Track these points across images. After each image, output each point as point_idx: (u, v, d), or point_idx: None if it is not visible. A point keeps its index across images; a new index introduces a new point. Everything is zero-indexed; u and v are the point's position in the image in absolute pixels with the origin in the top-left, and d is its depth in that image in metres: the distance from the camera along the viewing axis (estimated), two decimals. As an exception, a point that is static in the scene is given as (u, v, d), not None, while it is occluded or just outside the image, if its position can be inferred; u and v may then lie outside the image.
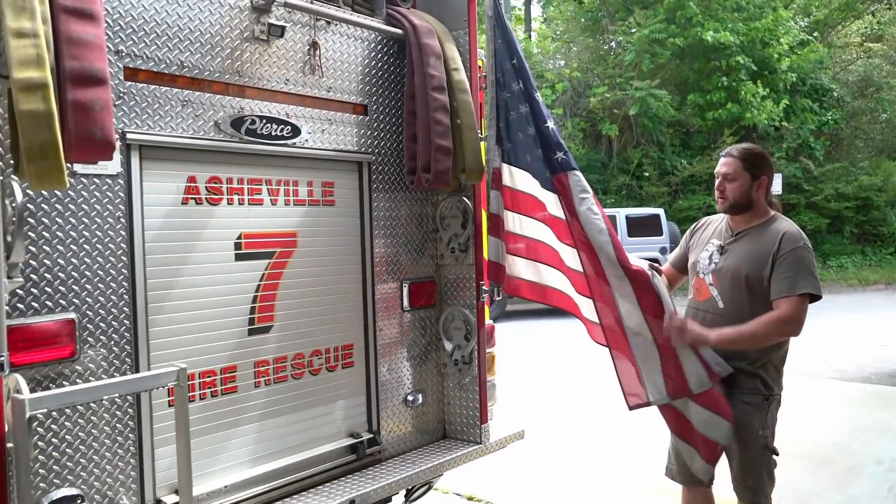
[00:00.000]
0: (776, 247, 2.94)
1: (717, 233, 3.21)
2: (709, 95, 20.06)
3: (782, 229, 3.01)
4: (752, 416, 3.00)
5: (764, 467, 3.04)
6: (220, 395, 2.79)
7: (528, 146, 3.46)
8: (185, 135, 2.66)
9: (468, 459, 3.56)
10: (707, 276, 3.12)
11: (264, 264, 2.95)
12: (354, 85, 3.32)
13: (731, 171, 3.06)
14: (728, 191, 3.06)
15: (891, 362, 9.31)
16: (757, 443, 3.00)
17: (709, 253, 3.15)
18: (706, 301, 3.09)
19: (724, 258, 3.09)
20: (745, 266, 3.00)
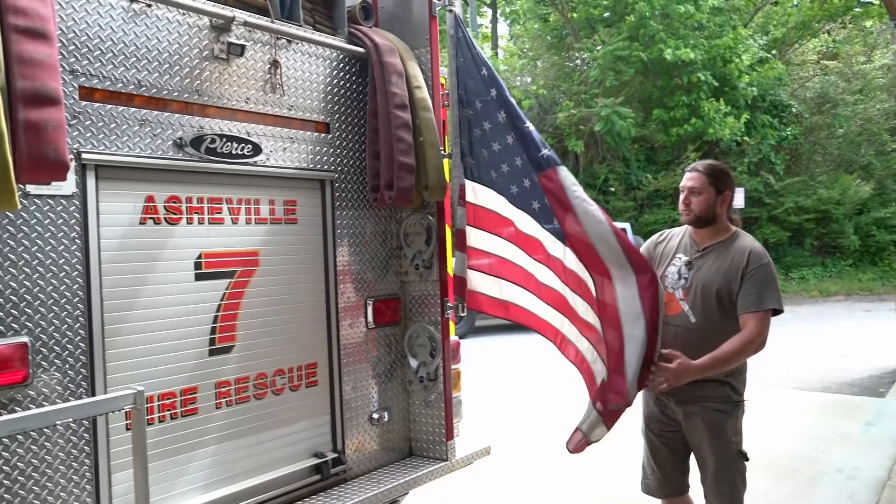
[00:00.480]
0: (745, 263, 3.01)
1: (681, 247, 3.23)
2: (672, 112, 20.41)
3: (748, 246, 3.09)
4: (725, 422, 3.06)
5: (737, 472, 3.11)
6: (179, 417, 2.74)
7: (492, 163, 3.43)
8: (142, 154, 2.64)
9: (434, 477, 3.54)
10: (677, 290, 3.15)
11: (225, 284, 2.92)
12: (316, 103, 3.32)
13: (698, 185, 3.12)
14: (694, 204, 3.12)
15: (850, 372, 9.51)
16: (730, 449, 3.07)
17: (676, 268, 3.18)
18: (677, 316, 3.13)
19: (692, 273, 3.12)
20: (715, 282, 3.05)
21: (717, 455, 3.07)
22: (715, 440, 3.06)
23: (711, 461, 3.09)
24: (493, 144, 3.42)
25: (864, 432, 6.51)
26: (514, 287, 3.44)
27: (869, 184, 21.25)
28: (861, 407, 7.45)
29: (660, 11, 19.78)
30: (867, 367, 9.77)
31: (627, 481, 3.38)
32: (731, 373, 3.09)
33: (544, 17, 23.74)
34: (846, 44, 24.73)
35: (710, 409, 3.06)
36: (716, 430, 3.06)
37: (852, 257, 21.26)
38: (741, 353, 2.95)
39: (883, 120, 22.01)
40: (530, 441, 6.56)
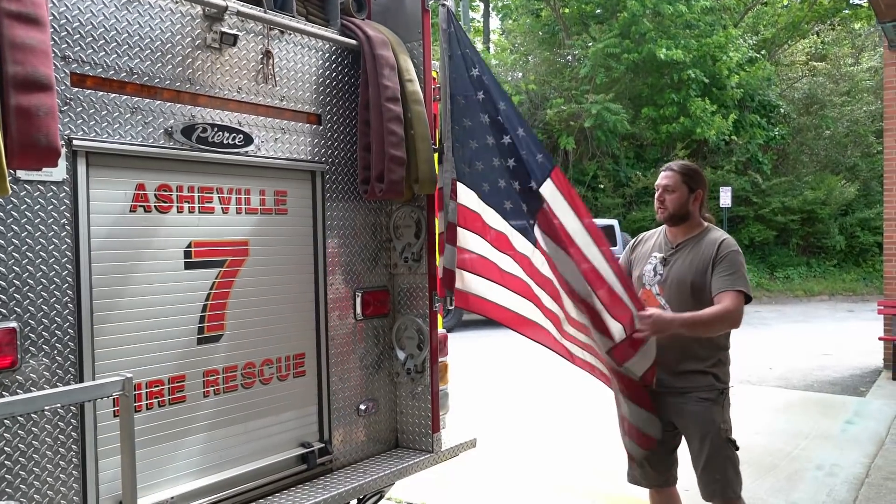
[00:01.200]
0: (714, 252, 3.15)
1: (656, 246, 3.37)
2: (662, 110, 20.52)
3: (718, 237, 3.22)
4: (712, 410, 3.14)
5: (729, 460, 3.17)
6: (167, 405, 2.75)
7: (467, 158, 3.49)
8: (133, 142, 2.64)
9: (420, 468, 3.57)
10: (653, 286, 3.27)
11: (215, 273, 2.93)
12: (308, 94, 3.32)
13: (672, 183, 3.25)
14: (668, 201, 3.24)
15: (832, 371, 9.63)
16: (720, 436, 3.14)
17: (652, 265, 3.31)
18: None
19: (667, 269, 3.25)
20: (688, 274, 3.17)
21: (707, 442, 3.15)
22: (702, 427, 3.15)
23: (701, 449, 3.16)
24: (471, 141, 3.47)
25: (844, 430, 6.60)
26: (499, 288, 3.48)
27: (854, 185, 21.45)
28: (842, 405, 7.55)
29: (651, 9, 19.85)
30: (849, 367, 9.89)
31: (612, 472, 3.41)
32: (714, 363, 3.18)
33: (536, 13, 23.76)
34: (835, 45, 24.92)
35: (695, 398, 3.16)
36: (703, 418, 3.15)
37: (837, 257, 21.47)
38: (717, 322, 3.04)
39: (869, 122, 22.20)
40: (517, 433, 6.61)
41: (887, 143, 9.26)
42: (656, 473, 3.37)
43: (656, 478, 3.38)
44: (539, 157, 3.33)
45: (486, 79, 3.46)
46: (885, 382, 8.67)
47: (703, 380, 3.17)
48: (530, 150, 3.35)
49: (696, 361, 3.18)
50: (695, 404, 3.15)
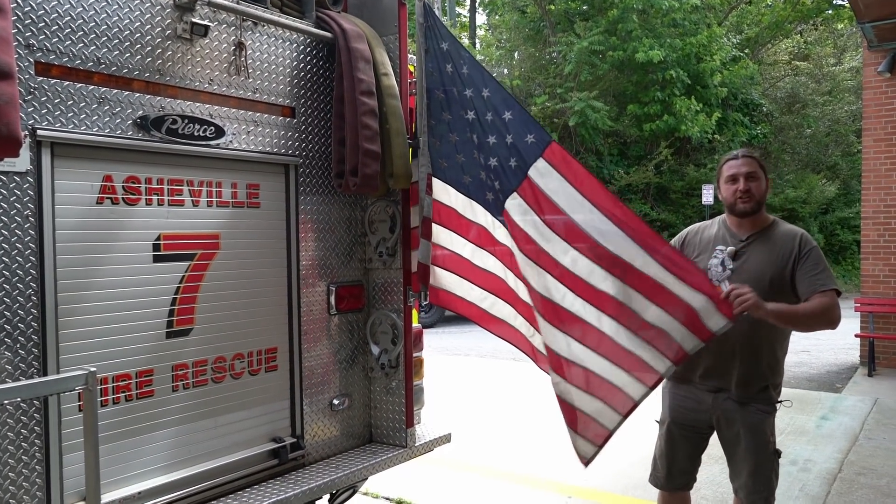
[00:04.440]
0: (796, 248, 3.02)
1: (719, 238, 3.19)
2: (646, 107, 20.59)
3: (795, 231, 3.11)
4: (765, 423, 3.09)
5: (773, 472, 3.13)
6: (134, 400, 2.72)
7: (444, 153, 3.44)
8: (101, 133, 2.60)
9: (393, 463, 3.56)
10: (723, 282, 3.03)
11: (185, 266, 2.90)
12: (282, 87, 3.30)
13: (755, 169, 3.09)
14: (754, 189, 3.07)
15: (809, 368, 9.74)
16: (768, 449, 3.10)
17: (719, 259, 3.12)
18: None
19: (739, 263, 3.08)
20: (767, 269, 3.02)
21: (755, 455, 3.09)
22: (754, 441, 3.08)
23: (748, 461, 3.10)
24: (451, 135, 3.43)
25: (819, 426, 6.67)
26: (468, 285, 3.46)
27: (834, 184, 21.67)
28: (818, 401, 7.63)
29: (643, 4, 19.87)
30: (826, 364, 10.00)
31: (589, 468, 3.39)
32: (776, 377, 3.13)
33: (522, 9, 23.74)
34: (817, 45, 25.13)
35: (754, 409, 3.08)
36: (756, 432, 3.08)
37: (817, 256, 21.65)
38: (817, 319, 2.90)
39: (850, 121, 22.43)
40: (493, 428, 6.61)
41: (866, 142, 9.36)
42: (682, 474, 3.32)
43: (681, 479, 3.33)
44: (530, 139, 3.08)
45: (469, 71, 3.35)
46: (861, 379, 8.78)
47: (765, 393, 3.10)
48: (519, 132, 3.10)
49: (762, 374, 3.08)
50: (752, 416, 3.07)
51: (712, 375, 3.16)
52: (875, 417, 6.92)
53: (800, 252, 3.01)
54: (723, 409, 3.14)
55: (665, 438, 3.34)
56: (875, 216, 9.21)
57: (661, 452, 3.37)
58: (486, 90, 3.30)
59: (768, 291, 2.94)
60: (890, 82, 9.01)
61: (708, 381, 3.17)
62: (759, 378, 3.08)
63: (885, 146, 9.08)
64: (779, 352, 3.13)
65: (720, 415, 3.16)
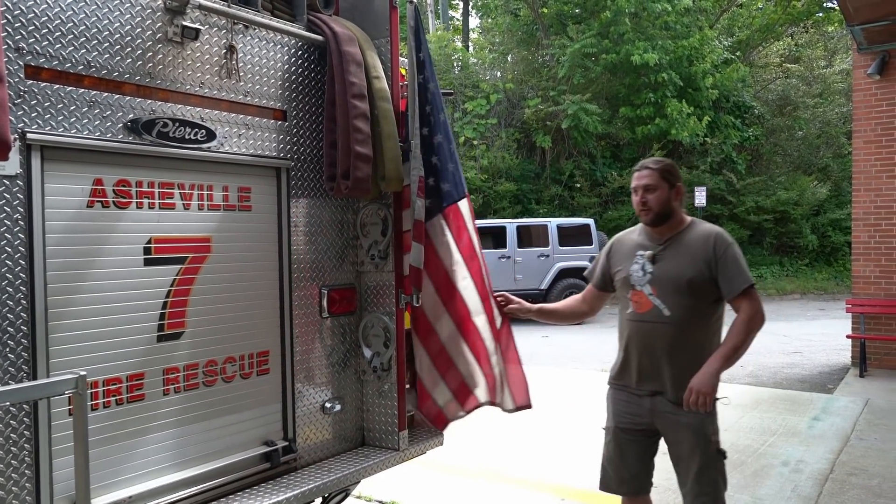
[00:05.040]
0: (712, 249, 3.06)
1: (638, 245, 3.25)
2: (638, 110, 20.68)
3: (710, 231, 3.15)
4: (705, 422, 3.05)
5: (719, 472, 3.09)
6: (125, 403, 2.71)
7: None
8: (91, 136, 2.60)
9: (385, 466, 3.56)
10: (644, 286, 3.13)
11: (175, 269, 2.90)
12: (273, 90, 3.30)
13: (652, 181, 3.14)
14: (651, 201, 3.12)
15: (801, 369, 9.78)
16: (710, 449, 3.05)
17: (639, 264, 3.17)
18: (650, 311, 3.12)
19: (658, 266, 3.12)
20: (685, 271, 3.06)
21: (698, 456, 3.05)
22: (696, 440, 3.05)
23: (692, 462, 3.06)
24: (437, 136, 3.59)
25: (811, 427, 6.70)
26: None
27: (826, 185, 21.79)
28: (809, 402, 7.66)
29: (636, 6, 19.96)
30: (818, 364, 10.05)
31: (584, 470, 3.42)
32: None
33: (515, 12, 23.81)
34: (808, 48, 25.30)
35: (692, 410, 3.02)
36: (696, 431, 3.05)
37: (809, 257, 21.80)
38: (750, 334, 2.99)
39: (841, 123, 22.58)
40: (487, 431, 6.61)
41: (856, 144, 9.41)
42: (634, 478, 3.28)
43: (635, 483, 3.29)
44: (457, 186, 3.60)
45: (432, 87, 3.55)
46: (853, 380, 8.82)
47: None
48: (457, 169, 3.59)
49: (689, 373, 3.03)
50: (690, 416, 3.03)
51: (647, 379, 3.16)
52: (866, 418, 6.95)
53: (715, 254, 3.05)
54: (661, 412, 3.12)
55: (612, 445, 3.31)
56: (866, 217, 9.26)
57: (610, 458, 3.32)
58: (441, 115, 3.59)
59: (687, 292, 3.06)
60: (879, 84, 9.07)
61: (644, 386, 3.17)
62: (692, 375, 3.03)
63: (875, 148, 9.14)
64: (708, 348, 3.08)
65: (659, 418, 3.14)
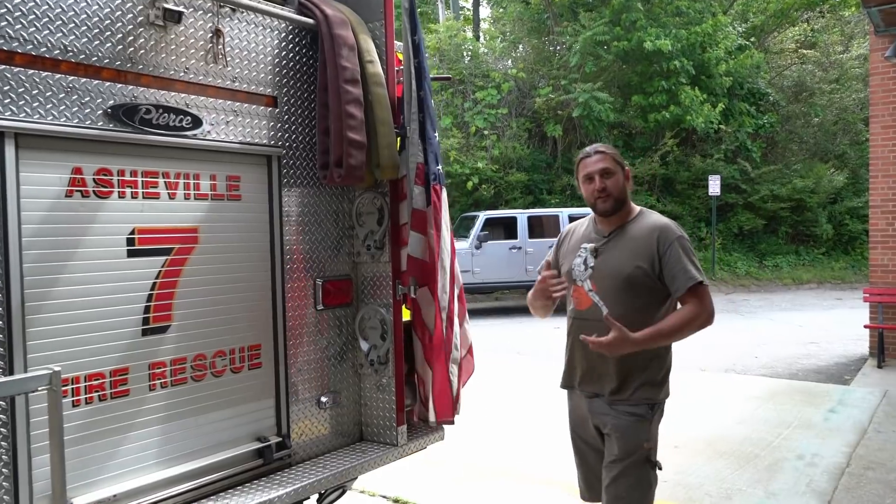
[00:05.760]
0: (655, 243, 2.83)
1: (585, 237, 3.03)
2: (651, 98, 20.42)
3: (656, 223, 2.92)
4: (638, 427, 2.83)
5: (641, 483, 2.85)
6: (108, 399, 2.63)
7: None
8: (69, 123, 2.50)
9: (383, 462, 3.47)
10: (585, 282, 2.93)
11: (161, 261, 2.81)
12: (263, 75, 3.19)
13: (610, 165, 2.91)
14: (610, 187, 2.89)
15: (817, 359, 9.59)
16: (639, 454, 2.83)
17: (582, 258, 2.96)
18: (589, 309, 2.91)
19: (600, 261, 2.91)
20: (625, 265, 2.85)
21: (622, 458, 2.82)
22: (624, 444, 2.83)
23: (615, 464, 2.84)
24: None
25: (827, 419, 6.55)
26: None
27: (843, 173, 21.42)
28: (825, 394, 7.50)
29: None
30: (834, 355, 9.86)
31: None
32: (652, 373, 2.87)
33: (525, 1, 23.57)
34: (824, 33, 24.84)
35: (623, 411, 2.85)
36: (623, 436, 2.83)
37: (825, 246, 21.47)
38: (687, 327, 2.76)
39: (858, 109, 22.16)
40: (492, 425, 6.52)
41: (873, 129, 9.19)
42: (599, 483, 2.99)
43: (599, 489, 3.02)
44: None
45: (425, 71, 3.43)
46: (870, 370, 8.64)
47: (636, 392, 2.84)
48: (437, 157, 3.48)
49: (635, 372, 2.84)
50: (621, 418, 2.84)
51: (588, 380, 2.96)
52: (885, 410, 6.78)
53: (659, 249, 2.82)
54: (597, 413, 2.93)
55: (574, 449, 3.14)
56: (883, 205, 9.05)
57: (576, 464, 3.17)
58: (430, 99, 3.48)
59: (627, 290, 2.83)
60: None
61: (585, 387, 2.97)
62: (633, 377, 2.84)
63: (893, 133, 8.91)
64: (652, 350, 2.84)
65: (597, 420, 2.94)
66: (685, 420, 6.31)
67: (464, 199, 19.36)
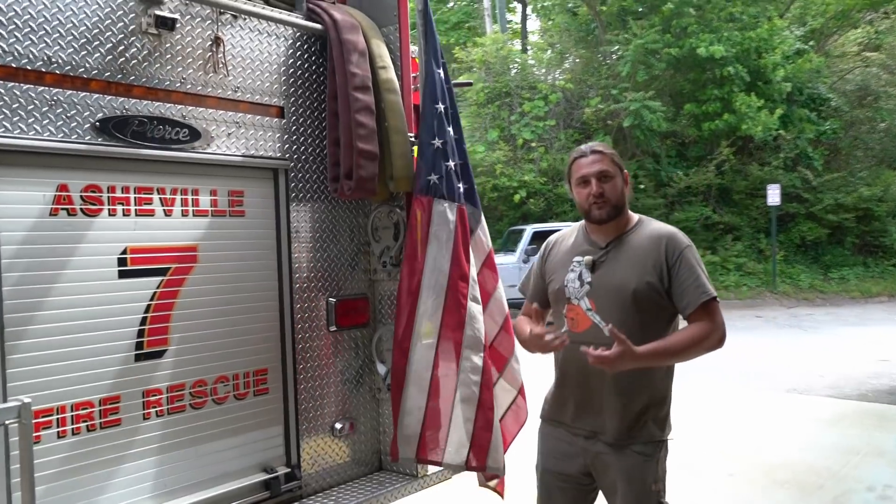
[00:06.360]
0: (664, 254, 2.50)
1: (576, 248, 2.67)
2: (704, 106, 19.80)
3: (661, 230, 2.59)
4: (644, 468, 2.52)
5: None
6: (98, 429, 2.47)
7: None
8: (53, 138, 2.37)
9: (401, 495, 3.24)
10: (581, 300, 2.56)
11: (156, 282, 2.65)
12: (268, 85, 3.03)
13: (608, 167, 2.57)
14: (608, 192, 2.55)
15: (889, 379, 8.93)
16: (649, 500, 2.52)
17: (576, 273, 2.59)
18: (588, 331, 2.53)
19: (598, 275, 2.56)
20: (630, 279, 2.50)
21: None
22: (631, 488, 2.51)
23: None
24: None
25: (900, 445, 6.02)
26: None
27: (913, 180, 20.31)
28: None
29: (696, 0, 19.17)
30: (908, 374, 9.18)
31: None
32: (656, 407, 2.56)
33: (573, 11, 23.27)
34: (889, 34, 23.69)
35: (629, 453, 2.52)
36: (631, 479, 2.51)
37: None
38: (697, 347, 2.44)
39: (928, 113, 21.04)
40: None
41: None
42: None
43: None
44: None
45: None
46: (948, 391, 7.99)
47: (640, 430, 2.53)
48: None
49: (642, 408, 2.52)
50: (628, 459, 2.51)
51: (584, 415, 2.61)
52: (965, 435, 6.21)
53: (667, 260, 2.49)
54: (595, 452, 2.58)
55: (541, 490, 2.76)
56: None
57: None
58: None
59: (632, 307, 2.49)
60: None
61: (580, 423, 2.62)
62: (639, 413, 2.53)
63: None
64: (660, 378, 2.57)
65: (594, 461, 2.60)
66: (741, 445, 5.88)
67: (511, 212, 19.07)
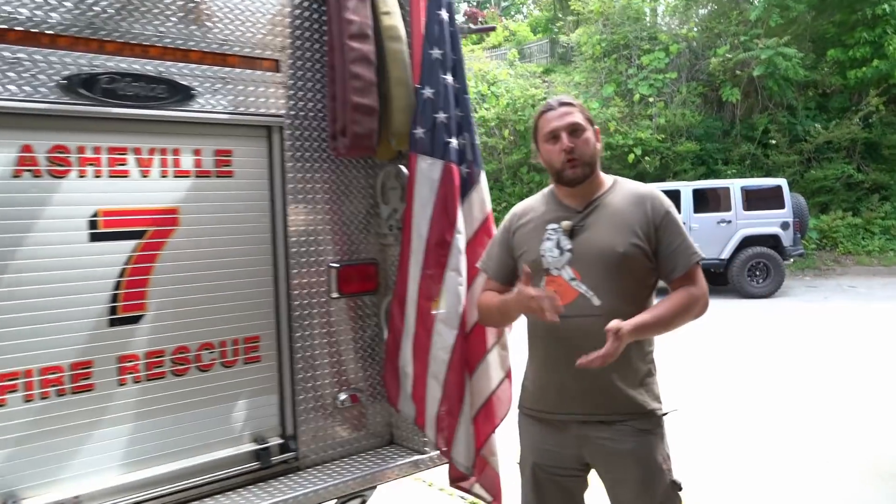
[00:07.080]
0: (650, 212, 2.28)
1: (547, 215, 2.37)
2: (851, 51, 17.81)
3: (643, 191, 2.37)
4: (652, 445, 2.27)
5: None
6: (68, 394, 2.45)
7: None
8: (15, 97, 2.31)
9: (406, 472, 3.08)
10: (563, 270, 2.27)
11: (131, 245, 2.57)
12: (261, 37, 2.85)
13: (580, 120, 2.30)
14: (580, 147, 2.28)
15: None
16: (663, 479, 2.27)
17: (553, 241, 2.30)
18: (574, 303, 2.23)
19: (579, 241, 2.27)
20: (618, 242, 2.24)
21: (648, 490, 2.26)
22: (642, 474, 2.25)
23: (640, 499, 2.27)
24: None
25: None
26: None
27: None
28: None
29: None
30: None
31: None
32: (646, 375, 2.31)
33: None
34: None
35: (629, 430, 2.24)
36: (642, 460, 2.24)
37: None
38: (688, 313, 2.25)
39: None
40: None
41: None
42: None
43: None
44: None
45: None
46: None
47: (636, 403, 2.26)
48: None
49: (623, 374, 2.24)
50: (629, 439, 2.24)
51: (572, 398, 2.29)
52: None
53: (654, 220, 2.27)
54: (593, 439, 2.28)
55: (530, 485, 2.44)
56: None
57: (527, 501, 2.47)
58: None
59: (621, 272, 2.24)
60: None
61: (569, 407, 2.31)
62: (627, 388, 2.26)
63: None
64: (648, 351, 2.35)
65: (590, 447, 2.30)
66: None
67: (626, 171, 18.13)
